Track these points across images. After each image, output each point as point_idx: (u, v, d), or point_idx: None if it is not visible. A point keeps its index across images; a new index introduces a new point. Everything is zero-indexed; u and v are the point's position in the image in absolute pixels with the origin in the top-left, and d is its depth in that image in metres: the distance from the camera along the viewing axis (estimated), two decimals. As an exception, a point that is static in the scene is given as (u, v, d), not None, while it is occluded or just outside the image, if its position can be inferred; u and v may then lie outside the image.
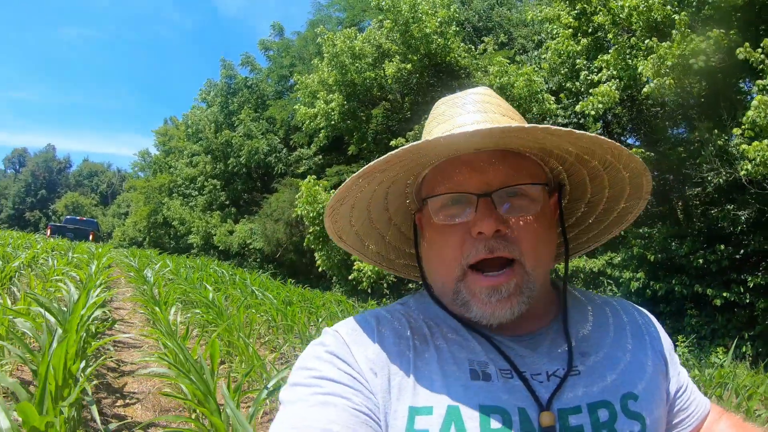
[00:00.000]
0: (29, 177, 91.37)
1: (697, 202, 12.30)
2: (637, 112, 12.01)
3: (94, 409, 3.15)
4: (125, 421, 4.01)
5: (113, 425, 3.62)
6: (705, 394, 5.46)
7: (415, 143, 0.84)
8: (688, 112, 11.72)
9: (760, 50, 8.89)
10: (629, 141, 14.04)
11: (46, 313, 4.87)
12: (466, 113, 0.99)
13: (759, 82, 8.81)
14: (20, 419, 2.53)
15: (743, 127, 8.60)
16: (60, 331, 4.15)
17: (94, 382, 4.61)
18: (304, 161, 23.84)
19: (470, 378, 0.87)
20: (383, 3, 14.89)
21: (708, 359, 9.05)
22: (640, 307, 1.11)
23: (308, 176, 15.97)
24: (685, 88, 10.78)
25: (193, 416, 4.08)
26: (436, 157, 0.94)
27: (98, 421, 3.07)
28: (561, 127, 0.82)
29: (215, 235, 27.13)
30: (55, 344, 3.55)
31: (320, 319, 8.23)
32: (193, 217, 29.84)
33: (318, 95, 16.85)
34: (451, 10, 15.08)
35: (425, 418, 0.84)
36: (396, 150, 0.85)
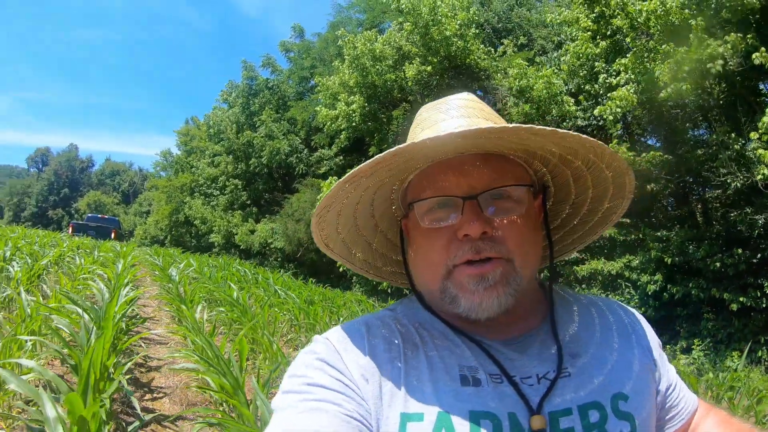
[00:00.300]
0: (52, 176, 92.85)
1: (717, 205, 12.24)
2: (657, 114, 11.95)
3: (134, 399, 3.35)
4: (154, 414, 4.20)
5: (147, 417, 3.83)
6: (716, 397, 5.54)
7: (401, 146, 0.84)
8: (708, 114, 11.67)
9: None
10: (649, 142, 13.98)
11: (81, 311, 5.10)
12: (450, 118, 1.00)
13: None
14: (65, 409, 2.74)
15: (759, 131, 8.61)
16: (94, 327, 4.37)
17: (128, 376, 4.82)
18: (325, 162, 24.02)
19: (460, 384, 0.88)
20: (403, 5, 14.97)
21: (723, 363, 9.05)
22: (626, 306, 1.12)
23: (329, 177, 16.18)
24: (706, 89, 10.78)
25: (221, 409, 4.27)
26: (421, 161, 0.95)
27: (138, 409, 3.27)
28: (544, 127, 0.83)
29: (237, 234, 27.36)
30: (93, 340, 3.76)
31: (341, 318, 8.39)
32: (214, 217, 30.12)
33: (339, 97, 17.00)
34: (471, 12, 15.11)
35: (417, 425, 0.84)
36: (382, 153, 0.86)
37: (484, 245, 0.89)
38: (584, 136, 0.89)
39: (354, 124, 16.44)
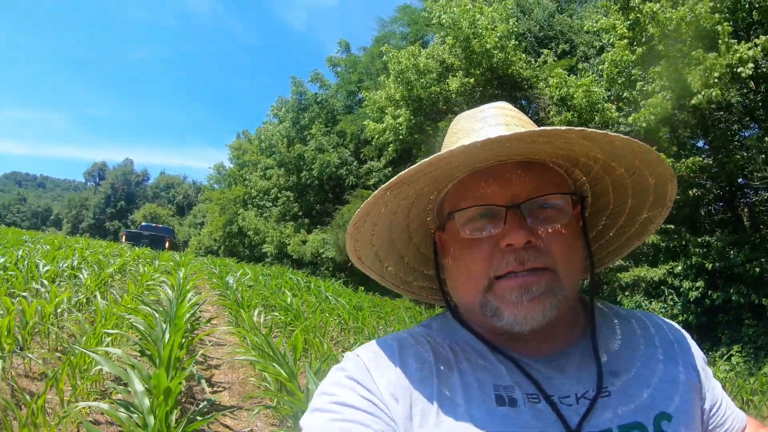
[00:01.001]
0: (109, 189, 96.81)
1: (763, 209, 12.20)
2: (701, 117, 11.92)
3: (204, 382, 3.89)
4: (215, 405, 4.74)
5: (210, 398, 4.37)
6: (742, 401, 5.64)
7: (448, 150, 0.82)
8: (755, 114, 11.64)
9: None
10: (699, 144, 13.90)
11: (153, 311, 5.74)
12: (488, 126, 0.97)
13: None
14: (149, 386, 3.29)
15: None
16: (167, 326, 4.96)
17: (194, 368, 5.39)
18: (374, 173, 24.63)
19: (495, 404, 0.85)
20: (444, 20, 15.28)
21: (761, 369, 9.02)
22: (668, 320, 1.08)
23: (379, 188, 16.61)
24: (752, 90, 10.80)
25: (274, 402, 4.76)
26: (461, 169, 0.92)
27: (207, 390, 3.80)
28: (594, 129, 0.82)
29: (289, 244, 28.05)
30: (168, 336, 4.34)
31: (388, 323, 8.82)
32: (267, 228, 30.94)
33: (386, 110, 17.44)
34: (510, 24, 15.30)
35: None
36: (426, 159, 0.84)
37: (527, 255, 0.86)
38: (633, 139, 0.87)
39: (401, 136, 16.79)
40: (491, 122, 0.98)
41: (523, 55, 16.04)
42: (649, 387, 0.90)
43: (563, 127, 0.80)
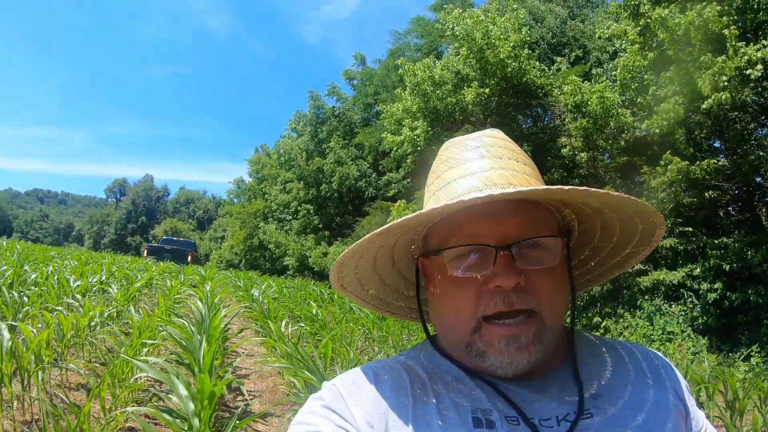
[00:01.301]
0: (130, 205, 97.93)
1: (783, 208, 12.20)
2: (715, 118, 11.98)
3: (243, 388, 4.15)
4: (246, 412, 4.98)
5: (247, 402, 4.62)
6: (760, 399, 5.70)
7: (440, 206, 0.83)
8: (747, 124, 11.73)
9: None
10: (716, 145, 13.91)
11: (187, 323, 6.03)
12: (480, 158, 0.97)
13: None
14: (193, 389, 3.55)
15: None
16: (203, 336, 5.23)
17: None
18: (393, 185, 24.78)
19: (473, 426, 0.85)
20: (457, 31, 15.43)
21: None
22: (653, 350, 1.09)
23: (398, 200, 16.72)
24: (765, 87, 10.87)
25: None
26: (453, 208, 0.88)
27: (245, 394, 4.05)
28: (597, 189, 0.84)
29: (310, 257, 28.23)
30: (204, 345, 4.60)
31: (411, 332, 9.01)
32: (288, 241, 31.14)
33: (403, 122, 17.60)
34: (522, 33, 15.40)
35: None
36: (419, 212, 0.85)
37: (515, 297, 0.86)
38: (632, 198, 0.89)
39: (419, 148, 16.87)
40: (483, 153, 0.98)
41: (537, 63, 16.13)
42: (642, 412, 0.91)
43: (566, 187, 0.82)
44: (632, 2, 11.63)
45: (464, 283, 0.89)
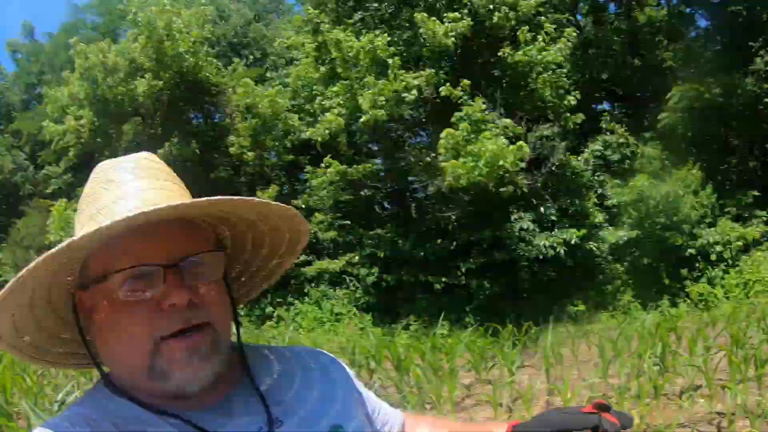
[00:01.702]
0: None
1: (427, 203, 14.83)
2: (373, 128, 13.79)
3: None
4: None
5: None
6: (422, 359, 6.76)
7: (105, 226, 0.77)
8: (424, 126, 14.32)
9: (459, 88, 11.58)
10: (375, 148, 15.90)
11: None
12: (138, 179, 0.95)
13: (456, 113, 11.54)
14: None
15: (441, 148, 11.34)
16: None
17: None
18: (52, 180, 22.04)
19: None
20: (140, 17, 14.73)
21: (434, 333, 10.85)
22: (318, 349, 1.17)
23: (60, 200, 15.22)
24: (422, 107, 13.14)
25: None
26: (114, 230, 0.81)
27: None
28: (252, 198, 0.89)
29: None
30: None
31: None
32: None
33: (68, 110, 16.15)
34: (205, 30, 15.43)
35: None
36: (82, 236, 0.79)
37: (191, 314, 0.86)
38: (282, 205, 0.93)
39: (83, 140, 15.74)
40: (140, 174, 0.96)
41: (215, 61, 16.29)
42: (313, 405, 0.96)
43: (214, 198, 0.84)
44: (314, 19, 12.86)
45: (135, 306, 0.85)
